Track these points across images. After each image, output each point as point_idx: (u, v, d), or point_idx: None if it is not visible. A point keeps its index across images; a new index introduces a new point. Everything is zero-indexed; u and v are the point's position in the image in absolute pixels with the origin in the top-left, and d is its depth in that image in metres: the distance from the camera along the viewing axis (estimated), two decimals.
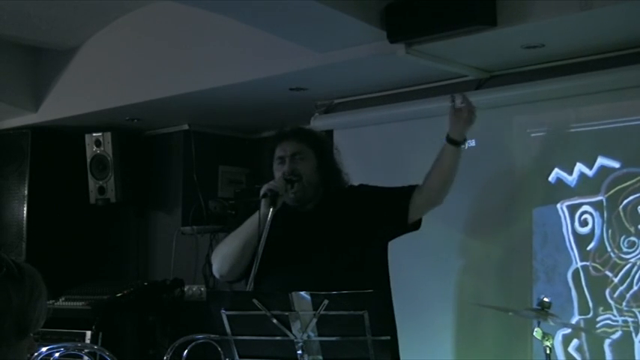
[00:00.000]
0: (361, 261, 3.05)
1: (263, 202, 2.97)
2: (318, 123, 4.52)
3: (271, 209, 2.92)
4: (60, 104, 5.12)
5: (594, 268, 3.51)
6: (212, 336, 3.58)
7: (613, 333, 3.42)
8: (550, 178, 3.67)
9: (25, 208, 5.32)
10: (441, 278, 3.99)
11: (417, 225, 3.19)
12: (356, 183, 3.28)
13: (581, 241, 3.55)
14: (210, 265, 3.30)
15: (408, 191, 3.14)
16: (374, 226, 3.10)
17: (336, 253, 3.03)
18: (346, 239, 3.06)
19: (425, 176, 3.16)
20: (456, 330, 3.91)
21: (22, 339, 1.55)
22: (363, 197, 3.17)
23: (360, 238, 3.07)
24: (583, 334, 3.50)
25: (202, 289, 4.79)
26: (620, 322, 3.41)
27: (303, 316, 2.50)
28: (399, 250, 3.96)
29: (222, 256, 3.15)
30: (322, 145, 3.22)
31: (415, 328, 3.91)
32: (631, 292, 3.39)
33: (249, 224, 3.06)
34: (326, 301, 2.45)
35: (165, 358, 3.80)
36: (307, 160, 3.11)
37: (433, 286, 3.99)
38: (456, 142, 3.08)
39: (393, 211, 3.13)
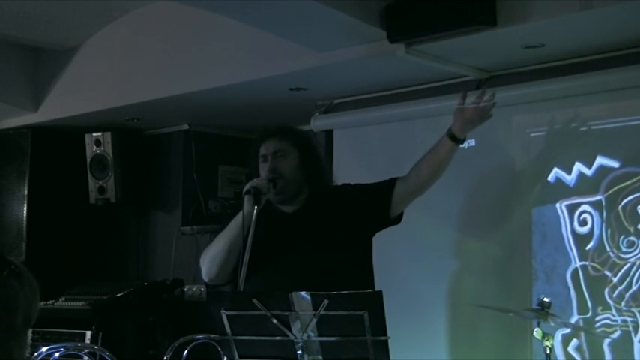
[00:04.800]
0: (345, 260, 3.06)
1: (246, 200, 2.98)
2: (318, 123, 4.52)
3: (255, 208, 2.93)
4: (60, 104, 5.12)
5: (593, 267, 3.51)
6: (212, 336, 3.58)
7: (612, 332, 3.42)
8: (549, 178, 3.67)
9: (25, 208, 5.32)
10: (441, 278, 3.99)
11: (398, 219, 3.19)
12: (340, 183, 3.29)
13: (580, 240, 3.56)
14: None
15: (390, 185, 3.14)
16: (357, 223, 3.12)
17: (319, 252, 3.04)
18: (330, 238, 3.07)
19: (413, 165, 3.16)
20: (456, 330, 3.92)
21: (26, 331, 1.59)
22: (345, 197, 3.18)
23: (344, 236, 3.08)
24: (582, 334, 3.50)
25: (202, 289, 4.79)
26: (619, 322, 3.41)
27: (303, 316, 2.50)
28: (399, 251, 3.98)
29: (210, 259, 3.15)
30: (305, 142, 3.21)
31: (415, 329, 3.92)
32: (630, 291, 3.39)
33: (234, 224, 3.07)
34: (326, 301, 2.46)
35: (165, 358, 3.80)
36: (289, 158, 3.12)
37: (432, 287, 4.00)
38: (455, 139, 3.08)
39: (375, 207, 3.13)
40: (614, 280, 3.44)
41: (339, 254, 3.05)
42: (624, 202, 3.44)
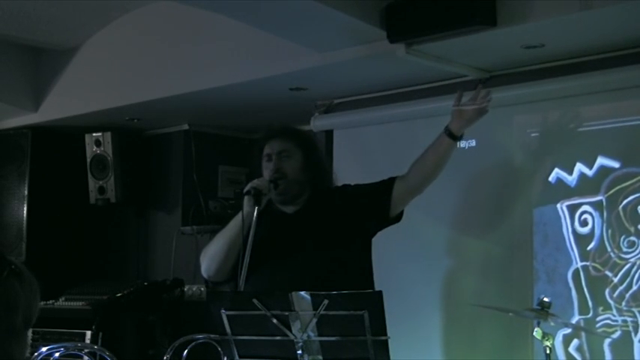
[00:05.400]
0: (345, 260, 3.06)
1: (246, 200, 2.99)
2: (318, 123, 4.52)
3: (256, 208, 2.93)
4: (60, 104, 5.12)
5: (594, 268, 3.51)
6: (212, 336, 3.58)
7: (613, 333, 3.42)
8: (550, 178, 3.67)
9: (25, 208, 5.32)
10: (441, 279, 3.99)
11: (398, 217, 3.20)
12: (340, 184, 3.29)
13: (581, 241, 3.55)
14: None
15: (389, 184, 3.15)
16: (357, 223, 3.12)
17: (320, 252, 3.04)
18: (330, 239, 3.07)
19: (412, 164, 3.16)
20: (456, 330, 3.92)
21: (27, 331, 1.60)
22: (346, 197, 3.19)
23: (344, 236, 3.09)
24: (583, 334, 3.50)
25: (202, 289, 4.79)
26: (619, 322, 3.41)
27: (303, 316, 2.50)
28: (399, 251, 3.98)
29: (210, 256, 3.17)
30: (309, 144, 3.23)
31: (415, 329, 3.92)
32: (630, 291, 3.39)
33: (234, 224, 3.08)
34: (326, 301, 2.45)
35: (165, 358, 3.80)
36: (293, 159, 3.13)
37: (433, 287, 3.99)
38: (453, 136, 3.08)
39: (374, 206, 3.14)
40: (615, 280, 3.44)
41: (339, 254, 3.06)
42: (625, 202, 3.44)
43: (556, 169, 3.66)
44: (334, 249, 3.06)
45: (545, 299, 2.92)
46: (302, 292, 2.49)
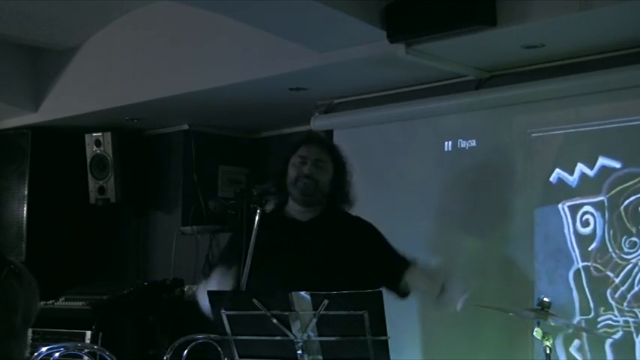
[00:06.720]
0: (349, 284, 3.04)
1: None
2: (318, 123, 4.52)
3: (258, 212, 2.94)
4: (60, 104, 5.11)
5: (595, 268, 3.50)
6: (212, 336, 3.58)
7: (614, 333, 3.42)
8: (551, 179, 3.67)
9: (25, 208, 5.31)
10: None
11: (406, 295, 3.17)
12: (360, 215, 3.27)
13: (583, 241, 3.55)
14: (210, 265, 3.31)
15: (401, 268, 3.12)
16: (368, 272, 3.09)
17: (326, 275, 3.01)
18: (338, 266, 3.05)
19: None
20: (457, 330, 3.91)
21: (26, 331, 1.60)
22: (364, 241, 3.16)
23: (352, 272, 3.05)
24: (585, 335, 3.50)
25: None
26: (621, 323, 3.41)
27: (303, 316, 2.50)
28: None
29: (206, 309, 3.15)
30: (342, 163, 3.28)
31: (415, 328, 3.91)
32: (632, 292, 3.38)
33: None
34: (326, 301, 2.45)
35: (165, 358, 3.80)
36: (326, 170, 3.18)
37: None
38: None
39: (385, 276, 3.13)
40: (617, 280, 3.43)
41: (342, 281, 3.01)
42: (626, 202, 3.43)
43: (557, 170, 3.66)
44: (338, 278, 2.99)
45: (545, 299, 2.92)
46: (302, 292, 2.49)
